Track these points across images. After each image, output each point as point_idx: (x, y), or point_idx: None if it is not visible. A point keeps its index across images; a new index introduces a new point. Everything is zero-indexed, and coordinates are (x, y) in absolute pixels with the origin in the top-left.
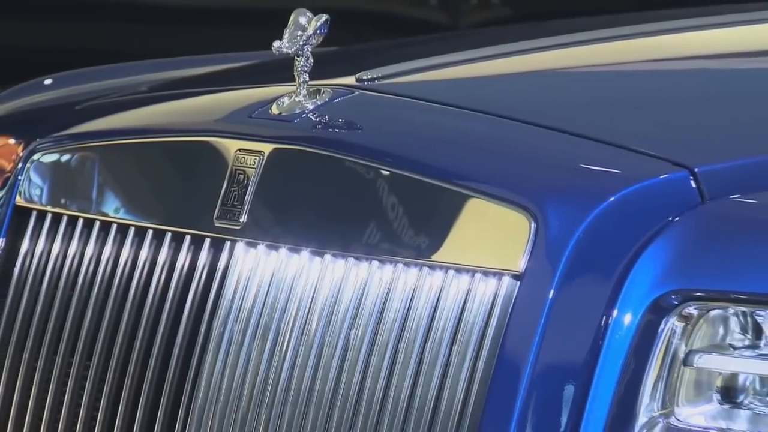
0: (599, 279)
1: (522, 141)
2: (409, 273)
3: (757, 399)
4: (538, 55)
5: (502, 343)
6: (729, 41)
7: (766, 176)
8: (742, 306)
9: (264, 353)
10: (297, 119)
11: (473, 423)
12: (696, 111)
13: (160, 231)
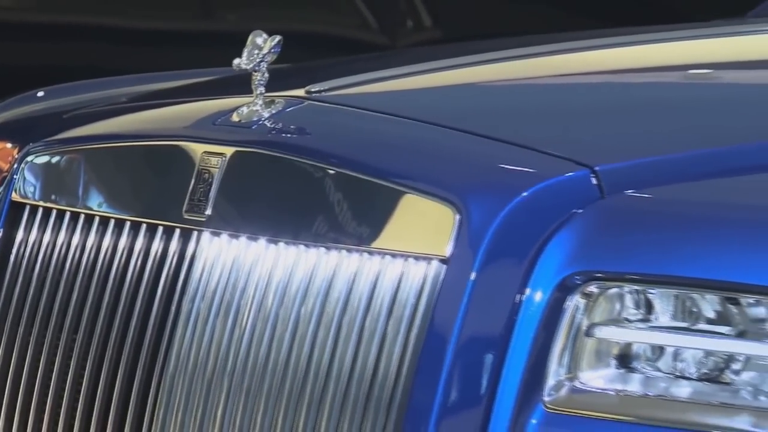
0: (514, 262)
1: (448, 144)
2: (352, 258)
3: (648, 364)
4: (463, 70)
5: (431, 318)
6: (629, 58)
7: (656, 174)
8: (635, 285)
9: (226, 328)
10: (254, 126)
11: (406, 386)
12: (598, 118)
13: (136, 222)
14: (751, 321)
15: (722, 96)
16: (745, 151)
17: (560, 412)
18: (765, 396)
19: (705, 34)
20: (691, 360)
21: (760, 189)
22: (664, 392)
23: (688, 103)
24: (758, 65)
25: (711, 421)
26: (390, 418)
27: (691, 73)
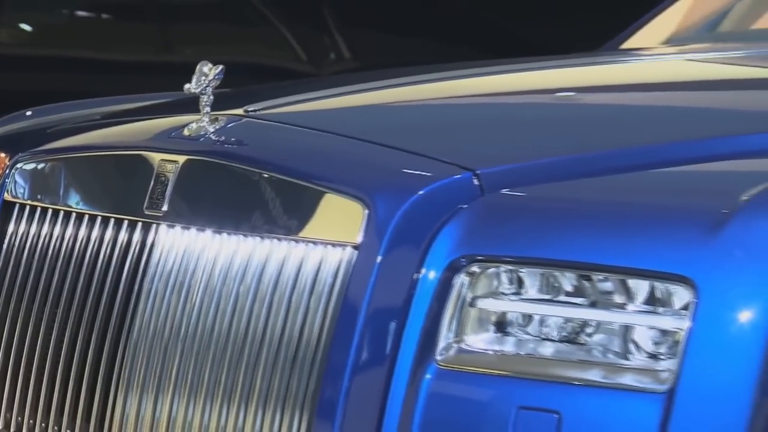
0: (412, 248)
1: (359, 153)
2: (281, 245)
3: (519, 329)
4: (374, 92)
5: (345, 294)
6: (508, 83)
7: (527, 176)
8: (509, 265)
9: (179, 303)
10: (201, 138)
11: (325, 349)
12: (481, 131)
13: (106, 217)
14: (601, 293)
15: (581, 113)
16: (600, 157)
17: (449, 368)
18: (612, 354)
19: (567, 64)
20: (553, 325)
21: (609, 188)
22: (533, 351)
23: (555, 119)
24: (610, 89)
25: (570, 374)
26: (312, 374)
27: (557, 95)
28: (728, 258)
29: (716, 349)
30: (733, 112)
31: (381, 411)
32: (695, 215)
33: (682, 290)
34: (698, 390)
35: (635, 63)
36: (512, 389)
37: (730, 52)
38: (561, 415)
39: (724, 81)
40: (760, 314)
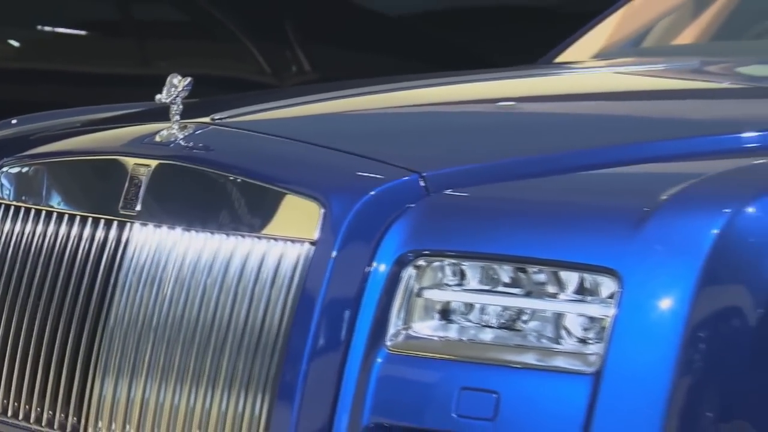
0: (364, 244)
1: (316, 157)
2: (245, 241)
3: (461, 317)
4: (331, 102)
5: (303, 285)
6: (453, 93)
7: (470, 178)
8: (452, 259)
9: (152, 294)
10: (171, 144)
11: (285, 336)
12: (429, 138)
13: (84, 216)
14: (535, 284)
15: (519, 121)
16: (534, 161)
17: (398, 353)
18: (545, 339)
19: (506, 76)
20: (492, 313)
21: (543, 189)
22: (474, 337)
23: (495, 127)
24: (545, 99)
25: (507, 358)
26: (274, 359)
27: (497, 104)
28: (650, 252)
29: (639, 334)
30: (655, 119)
31: (336, 392)
32: (620, 213)
33: (609, 281)
34: (622, 371)
35: (568, 75)
36: (455, 372)
37: (653, 66)
38: (500, 395)
39: (646, 91)
40: (678, 302)
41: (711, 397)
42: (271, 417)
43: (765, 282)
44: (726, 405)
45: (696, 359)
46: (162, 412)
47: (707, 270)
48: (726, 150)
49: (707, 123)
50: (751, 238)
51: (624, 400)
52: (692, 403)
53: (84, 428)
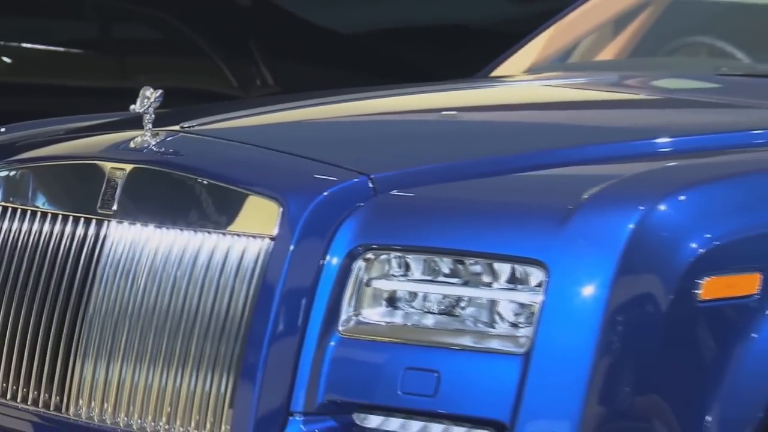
0: (318, 239)
1: (276, 161)
2: (212, 237)
3: (406, 304)
4: (291, 111)
5: (264, 277)
6: (402, 103)
7: (414, 179)
8: (397, 252)
9: (127, 285)
10: (144, 150)
11: (248, 322)
12: (378, 144)
13: (66, 215)
14: (472, 274)
15: (458, 128)
16: (472, 164)
17: (350, 337)
18: (481, 323)
19: (447, 88)
20: (434, 301)
21: (479, 189)
22: (417, 322)
23: (436, 134)
24: (482, 109)
25: (447, 340)
26: (237, 343)
27: (439, 113)
28: (573, 245)
29: (564, 318)
30: (578, 127)
31: (293, 373)
32: (547, 210)
33: (537, 271)
34: (549, 352)
35: (502, 88)
36: (400, 353)
37: (577, 79)
38: (440, 374)
39: (571, 102)
40: (598, 289)
41: (627, 374)
42: (235, 395)
43: (675, 271)
44: (641, 381)
45: (614, 340)
46: (136, 391)
47: (624, 260)
48: (641, 154)
49: (625, 130)
50: (663, 232)
51: (550, 377)
52: (611, 380)
53: (66, 407)
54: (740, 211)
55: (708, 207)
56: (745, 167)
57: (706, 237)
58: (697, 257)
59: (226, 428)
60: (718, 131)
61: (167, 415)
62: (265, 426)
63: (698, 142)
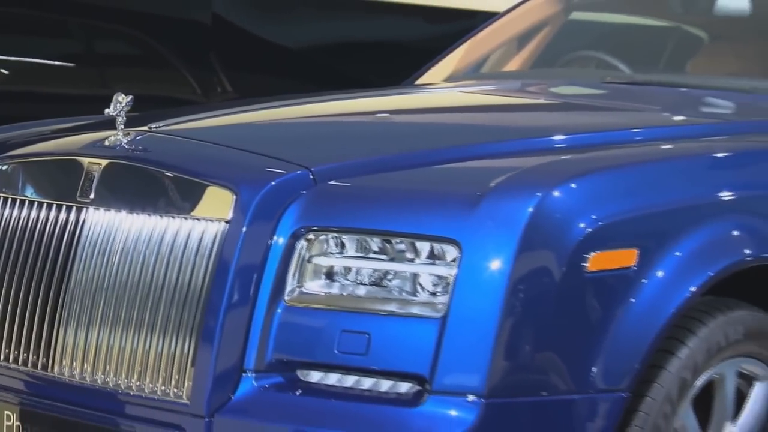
0: (266, 222)
1: (231, 156)
2: (176, 221)
3: (342, 277)
4: (245, 113)
5: (221, 254)
6: (341, 106)
7: (347, 171)
8: (334, 233)
9: (103, 262)
10: (117, 147)
11: (207, 293)
12: (321, 142)
13: (50, 203)
14: (397, 252)
15: (387, 128)
16: (398, 158)
17: (294, 305)
18: (405, 293)
19: (378, 94)
20: (365, 274)
21: (404, 179)
22: (351, 292)
23: (368, 133)
24: (408, 111)
25: (376, 307)
26: (198, 311)
27: (371, 115)
28: (482, 226)
29: (474, 288)
30: (488, 126)
31: (246, 336)
32: (460, 197)
33: (452, 248)
34: (462, 316)
35: (425, 93)
36: (337, 319)
37: (487, 86)
38: (370, 335)
39: (482, 106)
40: (503, 263)
41: (527, 334)
42: (196, 355)
43: (567, 247)
44: (538, 339)
45: (516, 306)
46: (111, 353)
47: (524, 239)
48: (539, 149)
49: (526, 129)
50: (557, 215)
51: (463, 337)
52: (513, 339)
53: (51, 367)
54: (621, 196)
55: (594, 193)
56: (626, 160)
57: (593, 218)
58: (585, 236)
59: (188, 384)
60: (604, 130)
61: (138, 373)
62: (221, 382)
63: (587, 139)
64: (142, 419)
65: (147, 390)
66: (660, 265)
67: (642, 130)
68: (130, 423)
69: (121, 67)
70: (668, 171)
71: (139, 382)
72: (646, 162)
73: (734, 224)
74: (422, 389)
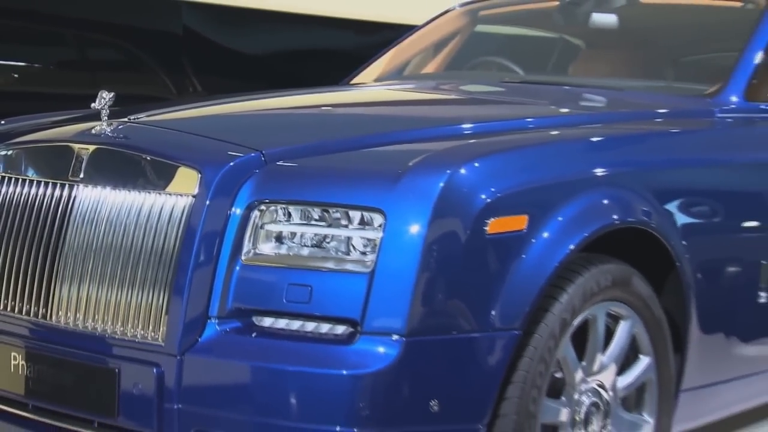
0: (226, 196)
1: (197, 142)
2: (152, 195)
3: (289, 240)
4: (210, 107)
5: (188, 222)
6: (295, 101)
7: (293, 154)
8: (282, 205)
9: (92, 228)
10: (102, 135)
11: (178, 254)
12: (272, 129)
13: (47, 181)
14: (334, 219)
15: (328, 118)
16: (336, 142)
17: (249, 264)
18: (341, 252)
19: (322, 91)
20: (308, 238)
21: (341, 159)
22: (297, 253)
23: (314, 122)
24: (347, 105)
25: (317, 264)
26: (171, 268)
27: (316, 108)
28: (403, 198)
29: (396, 248)
30: (409, 117)
31: (210, 289)
32: (385, 174)
33: (378, 216)
34: (387, 271)
35: (358, 91)
36: (285, 274)
37: (409, 85)
38: (312, 287)
39: (404, 101)
40: (420, 228)
41: (439, 285)
42: (169, 305)
43: (471, 215)
44: (448, 290)
45: (430, 263)
46: (99, 304)
47: (437, 208)
48: (450, 135)
49: (439, 119)
50: (463, 188)
51: (388, 288)
52: (428, 290)
53: (49, 316)
54: (515, 173)
55: (493, 171)
56: (520, 143)
57: (492, 191)
58: (485, 205)
59: (163, 329)
60: (502, 119)
61: (122, 320)
62: (190, 327)
63: (488, 127)
64: (126, 358)
65: (129, 334)
66: (545, 228)
67: (533, 119)
68: (116, 361)
69: (108, 71)
70: (553, 152)
71: (122, 328)
72: (536, 145)
73: (604, 195)
74: (355, 331)
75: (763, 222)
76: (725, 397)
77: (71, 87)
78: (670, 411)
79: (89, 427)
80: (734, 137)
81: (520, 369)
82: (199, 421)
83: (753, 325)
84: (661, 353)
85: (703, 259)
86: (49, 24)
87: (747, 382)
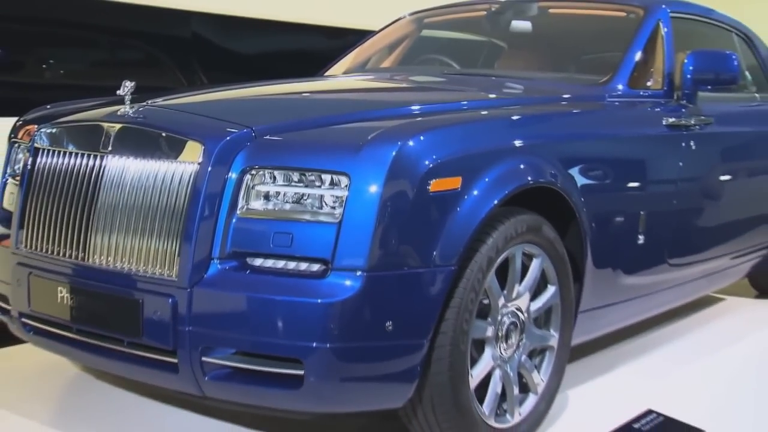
0: (224, 163)
1: (201, 121)
2: (166, 163)
3: (274, 198)
4: (214, 94)
5: (194, 184)
6: (279, 89)
7: (279, 129)
8: (269, 170)
9: (119, 189)
10: (126, 116)
11: (186, 209)
12: (263, 109)
13: (83, 153)
14: (310, 181)
15: (306, 102)
16: (312, 120)
17: (244, 216)
18: (315, 207)
19: (303, 80)
20: (289, 196)
21: (317, 134)
22: (281, 208)
23: (294, 105)
24: (321, 92)
25: (296, 217)
26: (180, 222)
27: (296, 95)
28: (363, 164)
29: (359, 203)
30: (369, 100)
31: (212, 237)
32: (350, 144)
33: (345, 179)
34: (351, 221)
35: (331, 81)
36: (271, 225)
37: (370, 76)
38: (293, 234)
39: (366, 88)
40: (377, 188)
41: (392, 232)
42: (181, 249)
43: (416, 177)
44: (400, 236)
45: (385, 215)
46: (125, 249)
47: (390, 172)
48: (402, 114)
49: (394, 102)
50: (410, 156)
51: (352, 234)
52: (384, 235)
53: (86, 258)
54: (452, 144)
55: (435, 142)
56: (456, 121)
57: (433, 158)
58: (428, 169)
59: (176, 268)
60: (442, 102)
61: (143, 262)
62: (198, 266)
63: (432, 108)
64: (147, 291)
65: (149, 272)
66: (475, 187)
67: (466, 102)
68: (139, 293)
69: (133, 67)
70: (482, 128)
71: (144, 267)
72: (468, 122)
73: (521, 161)
74: (327, 268)
75: (641, 182)
76: (612, 316)
77: (104, 80)
78: (571, 327)
79: (120, 345)
80: (620, 116)
81: (455, 296)
82: (205, 340)
83: (634, 260)
84: (564, 283)
85: (597, 212)
86: (87, 31)
87: (628, 305)
